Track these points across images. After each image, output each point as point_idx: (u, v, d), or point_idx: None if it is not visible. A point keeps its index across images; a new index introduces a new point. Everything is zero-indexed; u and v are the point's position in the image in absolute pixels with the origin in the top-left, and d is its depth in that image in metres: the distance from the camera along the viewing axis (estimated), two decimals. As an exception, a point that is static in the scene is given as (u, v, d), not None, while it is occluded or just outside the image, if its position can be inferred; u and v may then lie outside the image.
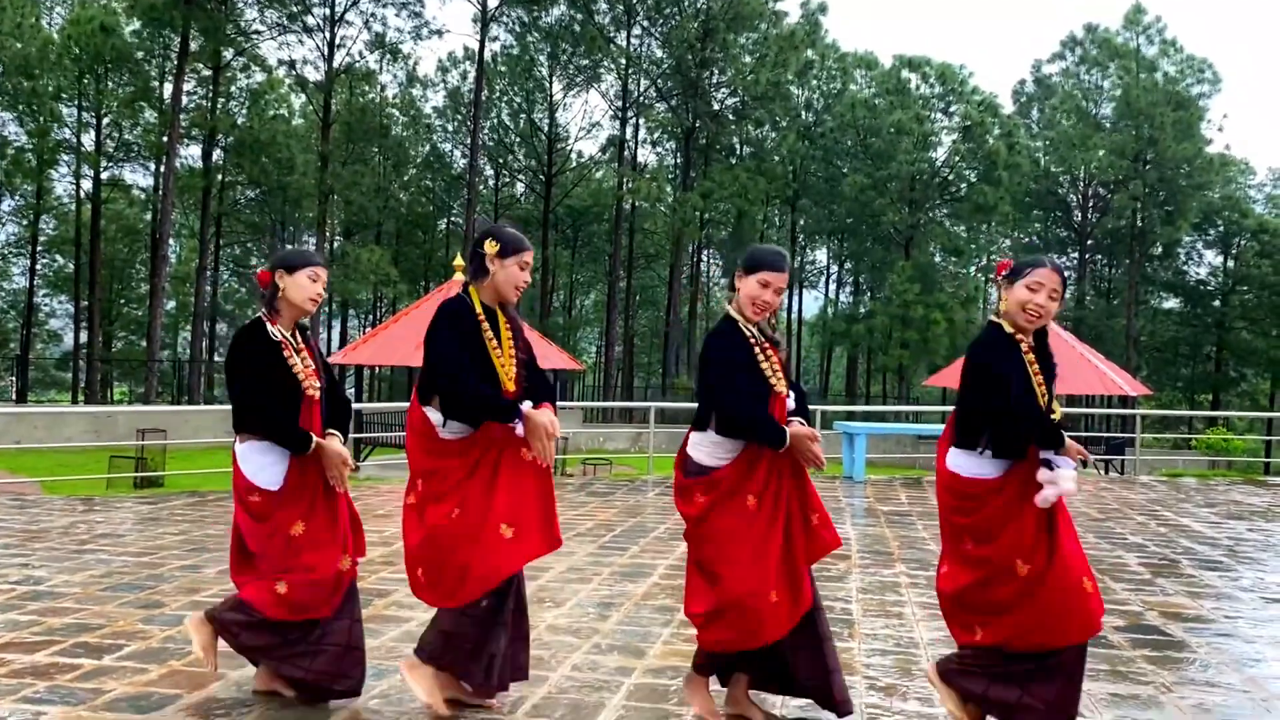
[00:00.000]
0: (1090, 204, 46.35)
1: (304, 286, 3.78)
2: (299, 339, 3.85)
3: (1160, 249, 47.11)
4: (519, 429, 3.54)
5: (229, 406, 3.82)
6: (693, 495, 3.53)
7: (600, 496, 10.61)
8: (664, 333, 46.78)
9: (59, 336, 51.80)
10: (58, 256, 46.97)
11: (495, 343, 3.63)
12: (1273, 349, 45.60)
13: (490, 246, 3.70)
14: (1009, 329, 3.46)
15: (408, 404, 3.69)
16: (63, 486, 13.67)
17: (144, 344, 42.36)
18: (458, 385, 3.52)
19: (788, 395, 3.63)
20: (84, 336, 41.85)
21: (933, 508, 10.18)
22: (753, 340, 3.59)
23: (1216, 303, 48.74)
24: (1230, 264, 49.09)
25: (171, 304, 46.75)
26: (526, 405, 3.59)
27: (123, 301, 48.37)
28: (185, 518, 8.58)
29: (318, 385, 3.81)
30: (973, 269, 49.90)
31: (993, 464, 3.42)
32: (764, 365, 3.57)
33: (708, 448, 3.55)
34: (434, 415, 3.66)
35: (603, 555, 7.17)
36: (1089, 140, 42.20)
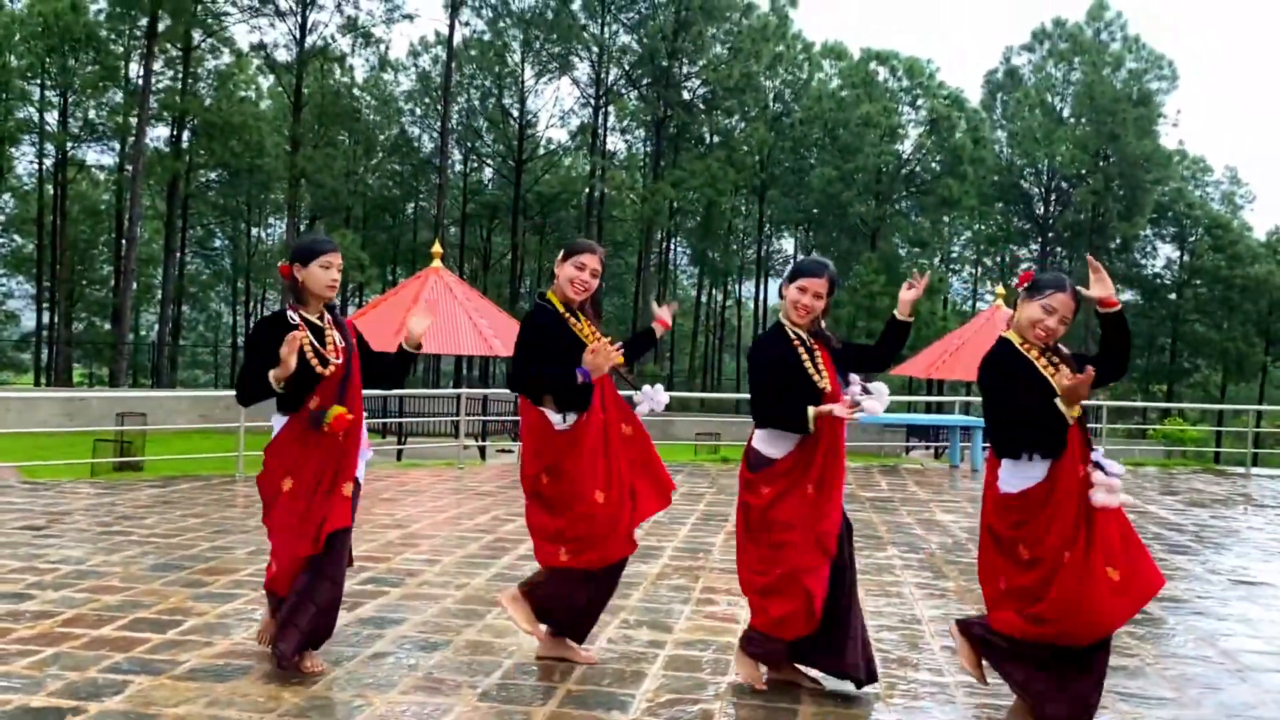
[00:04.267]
0: (1052, 197, 47.28)
1: (318, 276, 4.06)
2: (326, 320, 4.14)
3: (1118, 242, 48.20)
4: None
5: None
6: (758, 488, 3.95)
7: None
8: (632, 321, 47.10)
9: (16, 317, 51.10)
10: (16, 236, 46.33)
11: None
12: (1225, 340, 46.94)
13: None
14: (1018, 342, 3.57)
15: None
16: (43, 471, 13.70)
17: (106, 326, 41.92)
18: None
19: (840, 386, 3.97)
20: (46, 318, 41.36)
21: (912, 494, 10.63)
22: (796, 341, 3.99)
23: (1172, 296, 49.98)
24: (1185, 258, 50.35)
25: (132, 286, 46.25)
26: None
27: (85, 283, 47.79)
28: (195, 500, 8.79)
29: (336, 361, 4.06)
30: (936, 260, 50.71)
31: (1038, 468, 3.47)
32: (807, 364, 3.93)
33: (767, 440, 3.98)
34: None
35: (610, 539, 7.49)
36: (1053, 134, 43.04)
